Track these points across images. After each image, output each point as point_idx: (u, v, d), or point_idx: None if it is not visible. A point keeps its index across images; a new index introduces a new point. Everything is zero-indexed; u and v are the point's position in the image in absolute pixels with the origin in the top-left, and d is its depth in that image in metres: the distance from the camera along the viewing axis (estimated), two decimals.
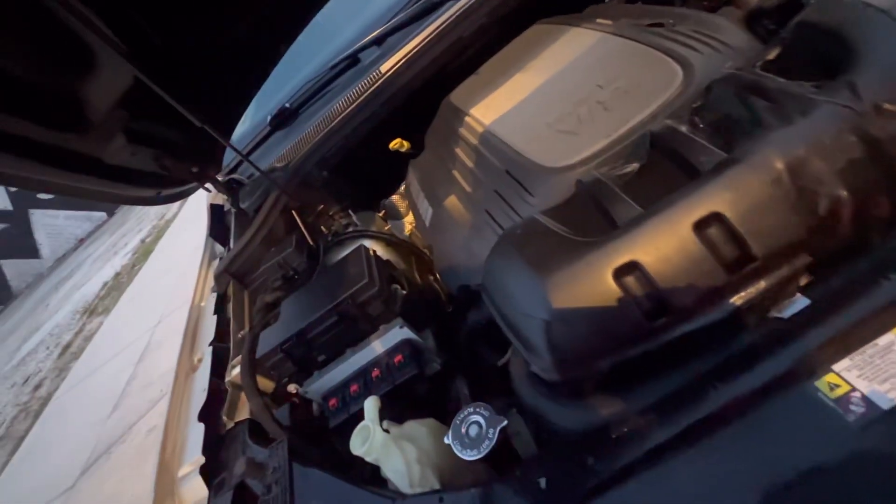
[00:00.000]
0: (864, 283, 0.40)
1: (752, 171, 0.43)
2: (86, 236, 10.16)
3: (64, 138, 0.90)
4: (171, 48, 0.95)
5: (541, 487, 0.45)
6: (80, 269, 8.43)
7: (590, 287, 0.47)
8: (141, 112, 0.99)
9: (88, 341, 5.25)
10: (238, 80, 1.10)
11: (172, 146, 1.16)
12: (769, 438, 0.38)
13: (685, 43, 0.69)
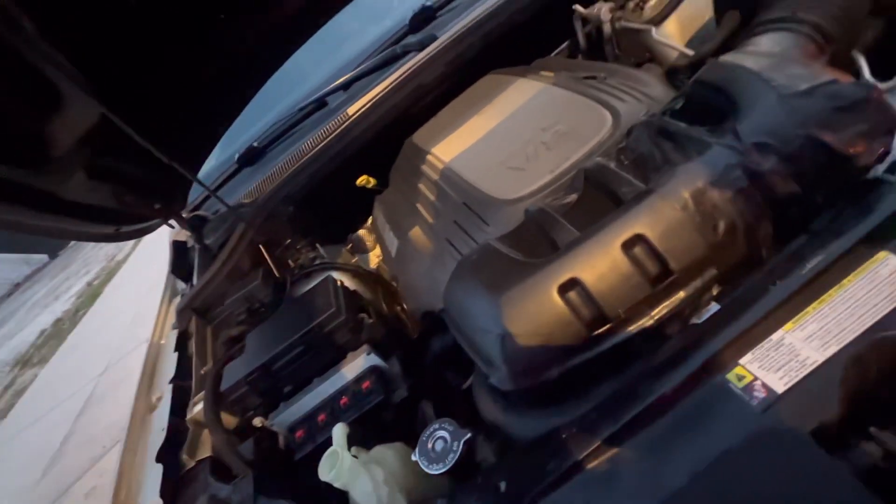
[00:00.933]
0: (759, 289, 0.49)
1: (664, 200, 0.51)
2: (23, 280, 9.43)
3: (20, 174, 0.89)
4: (139, 85, 0.98)
5: (500, 490, 0.49)
6: (14, 317, 7.75)
7: (538, 303, 0.53)
8: (104, 148, 1.00)
9: (19, 396, 4.77)
10: (207, 118, 1.14)
11: (136, 183, 1.16)
12: (693, 426, 0.43)
13: (614, 94, 0.81)
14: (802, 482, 0.36)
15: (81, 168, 1.00)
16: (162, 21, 0.90)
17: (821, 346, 0.42)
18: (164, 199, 1.25)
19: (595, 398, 0.51)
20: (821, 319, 0.44)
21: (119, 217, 1.18)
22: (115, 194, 1.11)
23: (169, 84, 1.01)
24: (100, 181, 1.05)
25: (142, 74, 0.95)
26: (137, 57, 0.92)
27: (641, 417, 0.46)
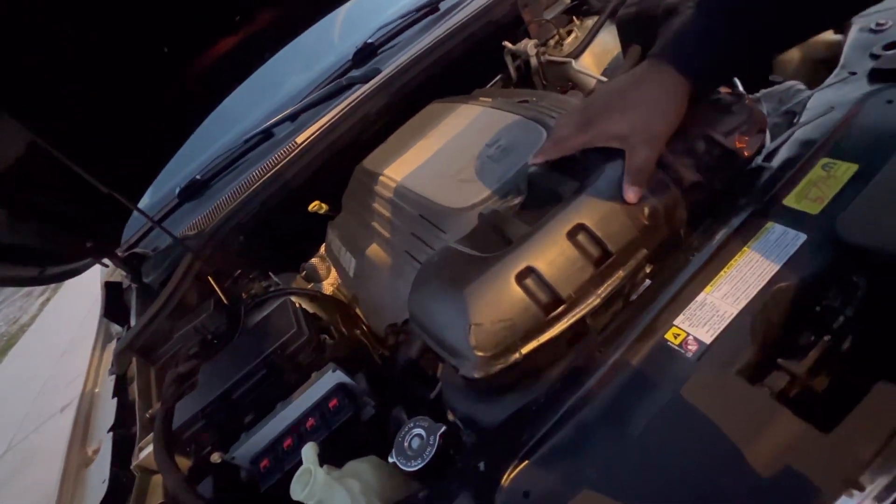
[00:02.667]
0: (681, 263, 0.57)
1: (597, 194, 0.59)
2: None
3: None
4: (72, 112, 0.94)
5: (480, 470, 0.51)
6: None
7: (498, 292, 0.58)
8: (30, 181, 0.94)
9: None
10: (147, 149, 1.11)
11: (65, 219, 1.09)
12: (643, 381, 0.49)
13: (546, 113, 0.91)
14: (734, 410, 0.43)
15: (2, 205, 0.93)
16: (103, 52, 0.89)
17: (734, 302, 0.51)
18: (97, 236, 1.18)
19: (556, 374, 0.55)
20: (731, 281, 0.53)
21: (45, 257, 1.09)
22: (41, 233, 1.03)
23: (106, 113, 0.98)
24: (24, 219, 0.98)
25: (76, 101, 0.92)
26: (73, 84, 0.89)
27: (599, 382, 0.51)
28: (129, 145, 1.05)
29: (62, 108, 0.90)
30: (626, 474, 0.43)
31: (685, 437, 0.43)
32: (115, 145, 1.01)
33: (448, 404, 0.66)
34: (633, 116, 0.58)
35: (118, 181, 0.98)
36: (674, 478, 0.42)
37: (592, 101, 0.64)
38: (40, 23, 0.80)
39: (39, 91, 0.85)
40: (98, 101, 0.96)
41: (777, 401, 0.42)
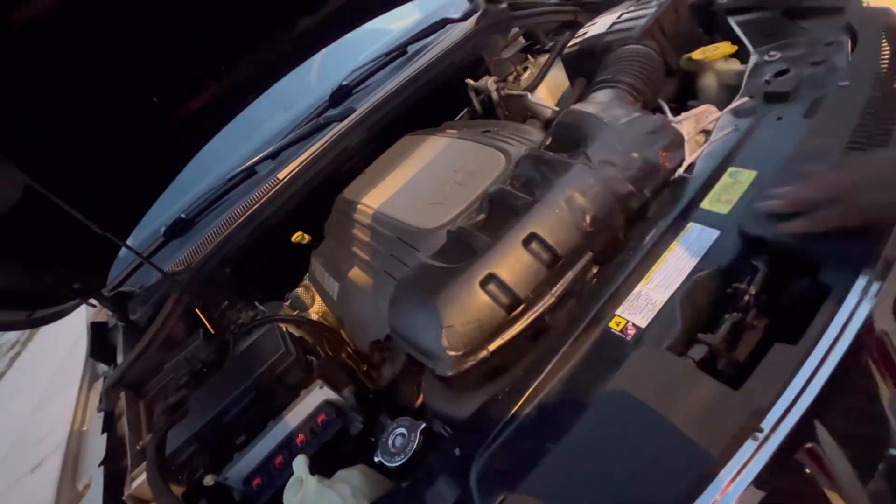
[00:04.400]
0: (621, 261, 0.66)
1: (547, 206, 0.68)
2: None
3: None
4: (65, 157, 0.99)
5: (455, 455, 0.57)
6: None
7: (466, 297, 0.65)
8: (23, 224, 0.98)
9: None
10: (134, 190, 1.17)
11: (52, 262, 1.13)
12: (593, 364, 0.57)
13: (506, 141, 1.02)
14: (664, 379, 0.50)
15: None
16: (96, 101, 0.96)
17: (664, 290, 0.59)
18: (85, 277, 1.21)
19: (518, 367, 0.62)
20: (661, 273, 0.61)
21: (33, 300, 1.12)
22: (31, 275, 1.07)
23: (97, 157, 1.04)
24: (15, 261, 1.02)
25: (69, 147, 0.97)
26: (66, 130, 0.95)
27: (556, 368, 0.58)
28: (117, 187, 1.11)
29: (56, 154, 0.95)
30: (579, 442, 0.50)
31: (625, 407, 0.50)
32: (105, 187, 1.07)
33: (428, 404, 0.72)
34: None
35: (107, 221, 1.04)
36: (617, 441, 0.49)
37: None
38: (37, 72, 0.87)
39: (35, 137, 0.91)
40: (89, 146, 1.03)
41: (699, 368, 0.50)
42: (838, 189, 0.50)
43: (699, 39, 1.06)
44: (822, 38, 0.78)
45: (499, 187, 0.77)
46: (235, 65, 1.18)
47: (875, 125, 0.60)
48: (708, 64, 0.95)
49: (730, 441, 0.44)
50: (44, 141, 0.92)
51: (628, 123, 0.74)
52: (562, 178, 0.71)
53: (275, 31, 1.22)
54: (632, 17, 1.04)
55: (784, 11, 0.91)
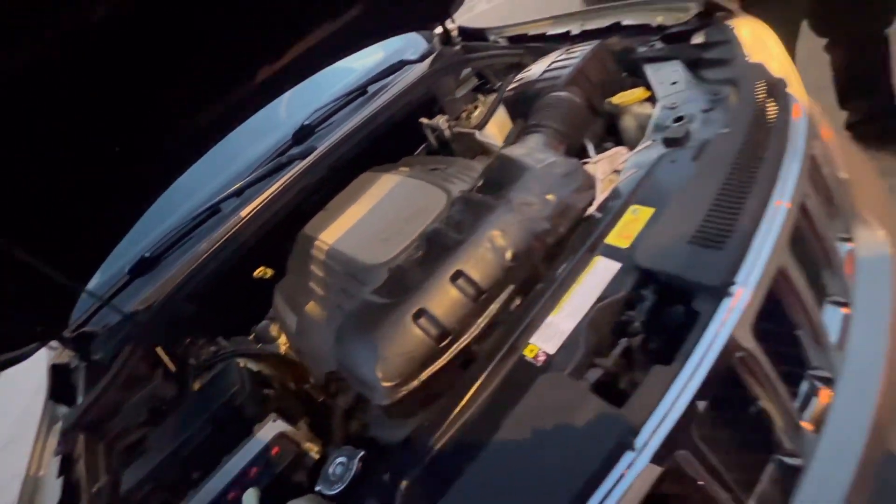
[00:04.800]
0: (538, 294, 0.73)
1: (472, 245, 0.76)
2: None
3: None
4: (23, 202, 1.03)
5: (384, 480, 0.62)
6: None
7: (399, 332, 0.71)
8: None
9: None
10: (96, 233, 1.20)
11: (13, 308, 1.14)
12: (508, 388, 0.63)
13: (450, 179, 1.10)
14: (561, 401, 0.57)
15: None
16: (57, 152, 1.00)
17: (571, 319, 0.67)
18: (46, 320, 1.23)
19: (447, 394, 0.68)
20: (570, 303, 0.69)
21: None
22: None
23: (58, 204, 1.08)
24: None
25: (31, 197, 1.01)
26: (29, 183, 0.99)
27: (476, 395, 0.65)
28: (79, 233, 1.14)
29: (17, 204, 0.99)
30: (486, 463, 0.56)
31: (527, 427, 0.56)
32: (66, 234, 1.10)
33: (371, 432, 0.77)
34: None
35: (69, 266, 1.07)
36: (518, 459, 0.55)
37: None
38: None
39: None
40: (51, 196, 1.06)
41: (592, 390, 0.57)
42: None
43: (624, 84, 1.18)
44: (712, 88, 0.89)
45: (433, 227, 0.85)
46: (195, 115, 1.24)
47: (744, 168, 0.69)
48: (625, 108, 1.06)
49: (608, 454, 0.50)
50: (3, 194, 0.96)
51: (546, 167, 0.82)
52: (486, 218, 0.78)
53: (234, 82, 1.30)
54: (561, 65, 1.15)
55: (687, 62, 1.03)
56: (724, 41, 1.05)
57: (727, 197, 0.67)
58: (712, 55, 1.03)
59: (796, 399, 0.70)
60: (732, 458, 0.63)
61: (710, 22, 1.14)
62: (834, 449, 0.67)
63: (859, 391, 0.71)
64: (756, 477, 0.65)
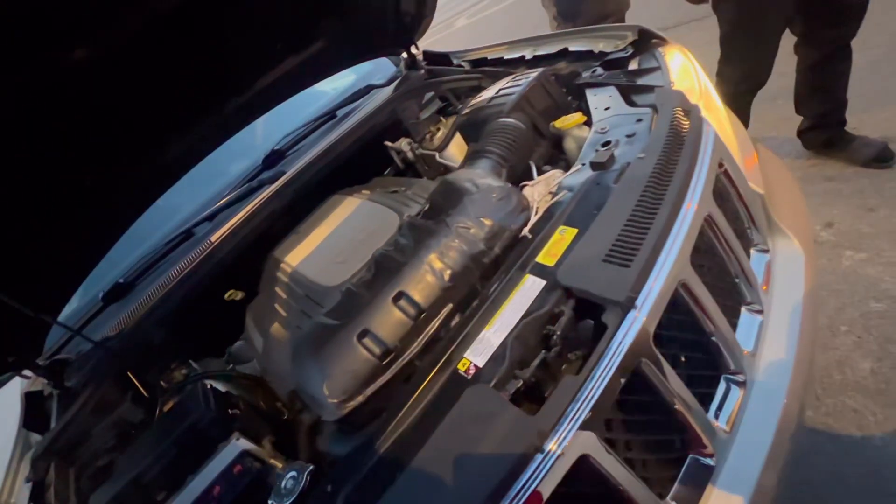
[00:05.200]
0: (474, 310, 0.79)
1: (412, 267, 0.82)
2: None
3: None
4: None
5: (328, 492, 0.66)
6: None
7: (345, 351, 0.77)
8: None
9: None
10: (66, 265, 1.24)
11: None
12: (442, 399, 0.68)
13: (405, 202, 1.16)
14: (483, 411, 0.62)
15: None
16: (30, 187, 1.05)
17: (500, 334, 0.72)
18: (18, 350, 1.26)
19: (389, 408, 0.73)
20: (501, 319, 0.74)
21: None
22: None
23: (29, 239, 1.12)
24: None
25: (2, 234, 1.05)
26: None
27: (413, 407, 0.70)
28: (49, 265, 1.18)
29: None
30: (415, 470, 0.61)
31: (452, 436, 0.62)
32: (36, 266, 1.14)
33: (326, 447, 0.82)
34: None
35: (39, 298, 1.11)
36: (442, 466, 0.60)
37: None
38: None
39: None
40: (22, 231, 1.11)
41: (511, 399, 0.63)
42: None
43: (570, 107, 1.26)
44: (638, 113, 0.97)
45: (381, 251, 0.91)
46: (164, 147, 1.30)
47: (653, 191, 0.76)
48: (567, 131, 1.13)
49: (519, 458, 0.56)
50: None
51: (482, 193, 0.89)
52: (426, 242, 0.84)
53: (202, 114, 1.36)
54: (507, 92, 1.22)
55: (620, 88, 1.11)
56: (655, 68, 1.14)
57: (637, 218, 0.73)
58: (644, 81, 1.12)
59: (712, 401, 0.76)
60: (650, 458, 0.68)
61: (645, 49, 1.23)
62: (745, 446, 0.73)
63: (770, 392, 0.77)
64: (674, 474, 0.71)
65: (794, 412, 0.76)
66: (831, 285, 1.70)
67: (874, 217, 1.81)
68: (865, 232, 1.79)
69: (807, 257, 0.93)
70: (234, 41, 1.30)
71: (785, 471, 0.72)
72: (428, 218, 0.92)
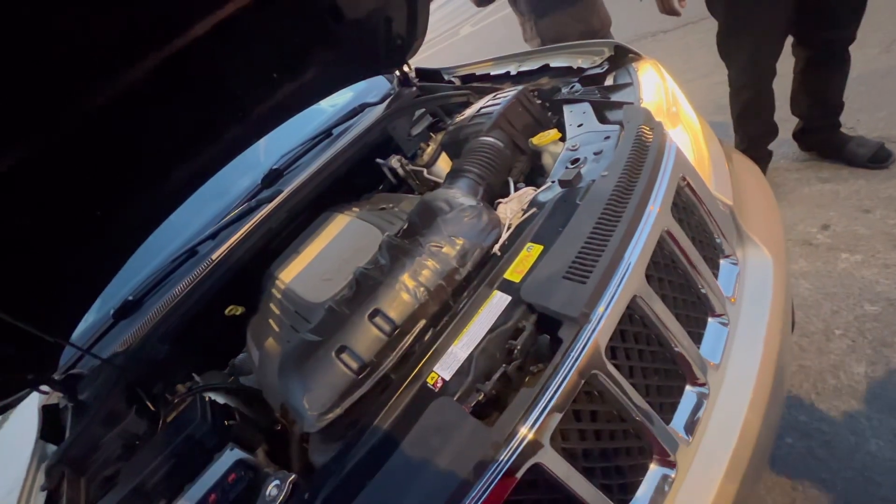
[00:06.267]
0: (445, 326, 0.83)
1: (387, 286, 0.86)
2: None
3: None
4: (10, 274, 1.16)
5: (305, 499, 0.71)
6: None
7: (323, 366, 0.82)
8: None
9: None
10: (78, 292, 1.33)
11: (8, 361, 1.26)
12: (412, 410, 0.72)
13: (390, 220, 1.22)
14: (447, 422, 0.66)
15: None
16: (45, 220, 1.14)
17: (467, 348, 0.76)
18: (37, 368, 1.34)
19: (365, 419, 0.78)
20: (469, 334, 0.79)
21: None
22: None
23: (42, 270, 1.21)
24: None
25: (16, 266, 1.14)
26: (14, 255, 1.12)
27: (384, 419, 0.74)
28: (64, 290, 1.26)
29: (8, 277, 1.12)
30: (382, 478, 0.65)
31: (416, 446, 0.66)
32: (50, 295, 1.23)
33: (309, 456, 0.87)
34: None
35: (54, 321, 1.19)
36: (406, 473, 0.64)
37: None
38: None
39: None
40: (38, 263, 1.19)
41: (473, 411, 0.67)
42: None
43: (549, 123, 1.30)
44: (607, 130, 1.00)
45: (360, 269, 0.96)
46: (169, 175, 1.38)
47: (613, 209, 0.80)
48: (543, 147, 1.17)
49: (475, 466, 0.60)
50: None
51: (456, 213, 0.94)
52: (401, 261, 0.89)
53: (204, 143, 1.44)
54: (487, 111, 1.27)
55: (594, 104, 1.14)
56: (628, 83, 1.17)
57: (596, 235, 0.77)
58: (617, 96, 1.15)
59: (674, 411, 0.79)
60: (611, 466, 0.71)
61: (620, 64, 1.26)
62: (706, 457, 0.75)
63: (732, 403, 0.79)
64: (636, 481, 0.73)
65: (757, 422, 0.78)
66: (826, 288, 1.69)
67: (870, 218, 1.80)
68: (861, 234, 1.78)
69: (777, 266, 0.95)
70: (232, 75, 1.38)
71: (746, 482, 0.74)
72: (405, 237, 0.97)
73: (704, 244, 0.92)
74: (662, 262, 0.81)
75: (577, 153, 1.01)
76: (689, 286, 0.86)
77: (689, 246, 0.84)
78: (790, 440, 1.40)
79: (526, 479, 0.62)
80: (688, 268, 0.84)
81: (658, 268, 0.81)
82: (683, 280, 0.85)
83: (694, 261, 0.84)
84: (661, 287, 0.80)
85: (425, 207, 0.99)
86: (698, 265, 0.85)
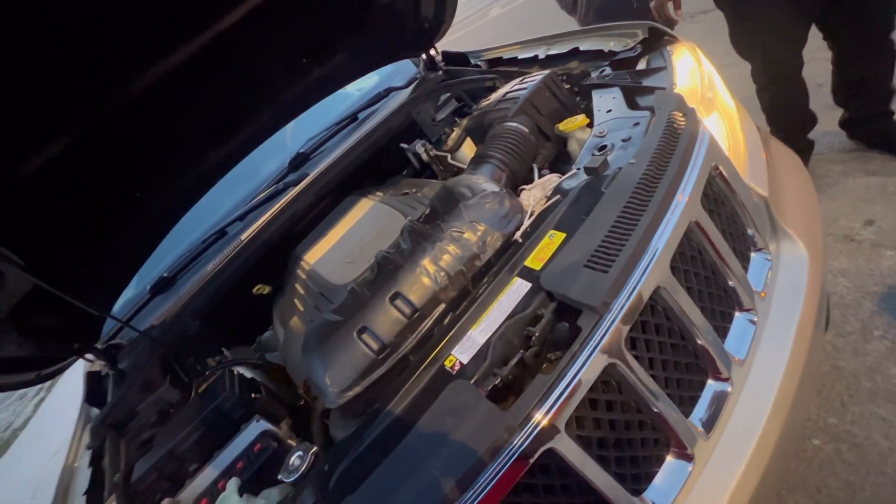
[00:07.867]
0: (464, 311, 0.84)
1: (408, 270, 0.88)
2: None
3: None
4: (60, 253, 1.24)
5: (325, 470, 0.74)
6: None
7: (345, 345, 0.84)
8: (32, 309, 1.21)
9: None
10: (118, 270, 1.41)
11: (57, 331, 1.35)
12: (430, 392, 0.74)
13: (412, 205, 1.23)
14: (464, 404, 0.67)
15: (13, 329, 1.19)
16: (89, 201, 1.20)
17: (485, 333, 0.77)
18: (82, 338, 1.44)
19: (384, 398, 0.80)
20: (488, 319, 0.79)
21: (41, 362, 1.34)
22: (40, 345, 1.29)
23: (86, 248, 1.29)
24: (27, 336, 1.24)
25: (64, 245, 1.22)
26: (62, 235, 1.19)
27: (403, 398, 0.76)
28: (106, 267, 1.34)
29: (57, 252, 1.20)
30: (399, 455, 0.67)
31: (432, 426, 0.67)
32: (96, 268, 1.31)
33: (331, 431, 0.90)
34: None
35: (96, 295, 1.27)
36: (423, 452, 0.66)
37: None
38: (42, 200, 1.12)
39: (40, 243, 1.15)
40: (85, 241, 1.27)
41: (490, 395, 0.68)
42: None
43: (576, 108, 1.27)
44: (636, 116, 0.97)
45: (382, 253, 0.97)
46: (203, 158, 1.43)
47: (639, 198, 0.78)
48: (570, 133, 1.15)
49: (489, 448, 0.61)
50: (47, 245, 1.16)
51: (478, 199, 0.93)
52: (423, 245, 0.90)
53: (236, 127, 1.48)
54: (513, 96, 1.25)
55: (625, 89, 1.11)
56: (661, 67, 1.13)
57: (621, 224, 0.75)
58: (650, 81, 1.11)
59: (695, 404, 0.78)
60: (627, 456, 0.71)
61: (654, 47, 1.21)
62: (726, 452, 0.74)
63: (756, 400, 0.77)
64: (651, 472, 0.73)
65: (781, 421, 0.76)
66: (867, 287, 1.61)
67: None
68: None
69: (812, 262, 0.91)
70: (264, 62, 1.41)
71: (765, 481, 0.73)
72: (427, 222, 0.98)
73: (735, 236, 0.88)
74: (689, 254, 0.79)
75: (604, 140, 0.98)
76: (716, 279, 0.83)
77: (719, 238, 0.81)
78: (817, 442, 1.36)
79: (539, 464, 0.62)
80: (716, 260, 0.82)
81: (684, 259, 0.79)
82: (711, 272, 0.82)
83: (723, 253, 0.81)
84: (686, 279, 0.78)
85: (447, 193, 1.00)
86: (727, 258, 0.82)
